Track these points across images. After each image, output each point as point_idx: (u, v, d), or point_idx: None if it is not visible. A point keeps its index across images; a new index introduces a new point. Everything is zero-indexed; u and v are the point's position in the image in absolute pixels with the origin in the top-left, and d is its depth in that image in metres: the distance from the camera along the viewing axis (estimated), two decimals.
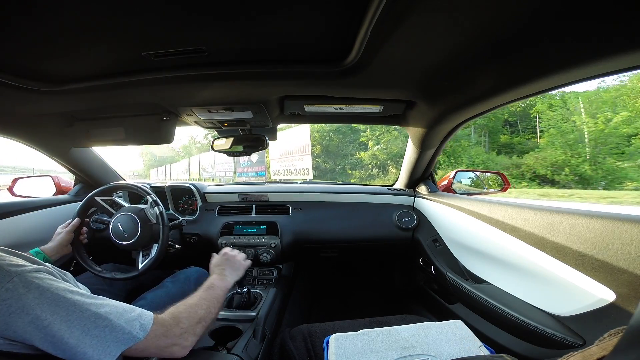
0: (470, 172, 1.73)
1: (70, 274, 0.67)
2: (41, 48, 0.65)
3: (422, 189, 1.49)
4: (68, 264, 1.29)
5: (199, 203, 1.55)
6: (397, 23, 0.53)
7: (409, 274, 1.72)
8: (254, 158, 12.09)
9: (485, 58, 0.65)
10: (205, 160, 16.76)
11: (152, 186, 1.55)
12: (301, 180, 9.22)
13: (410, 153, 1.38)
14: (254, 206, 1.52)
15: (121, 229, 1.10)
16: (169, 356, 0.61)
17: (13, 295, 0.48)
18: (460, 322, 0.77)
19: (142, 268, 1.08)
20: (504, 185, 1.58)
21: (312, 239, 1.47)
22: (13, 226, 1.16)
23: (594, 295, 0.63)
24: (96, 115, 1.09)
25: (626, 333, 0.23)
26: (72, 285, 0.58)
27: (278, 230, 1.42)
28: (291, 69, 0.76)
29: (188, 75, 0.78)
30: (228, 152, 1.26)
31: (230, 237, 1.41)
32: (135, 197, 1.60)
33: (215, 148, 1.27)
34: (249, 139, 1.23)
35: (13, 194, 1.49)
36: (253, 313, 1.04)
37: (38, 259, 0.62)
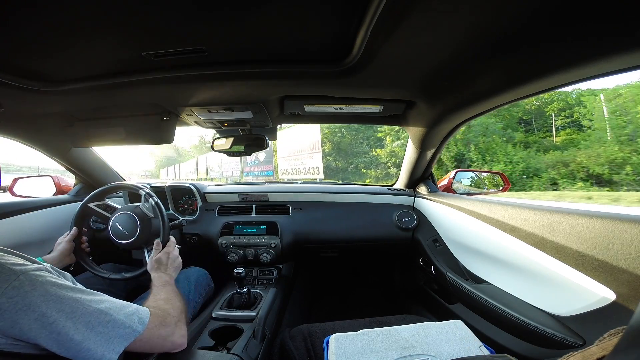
0: (470, 172, 1.74)
1: (69, 274, 0.67)
2: (41, 48, 0.65)
3: (422, 189, 1.49)
4: (68, 265, 1.29)
5: (199, 203, 1.56)
6: (397, 23, 0.53)
7: (409, 274, 1.72)
8: (261, 157, 11.66)
9: (485, 58, 0.65)
10: (212, 159, 16.63)
11: (152, 186, 1.55)
12: (311, 179, 8.84)
13: (410, 153, 1.38)
14: (254, 206, 1.52)
15: (121, 229, 1.10)
16: (171, 346, 0.63)
17: (19, 293, 0.49)
18: (460, 322, 0.77)
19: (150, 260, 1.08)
20: (504, 185, 1.58)
21: (312, 239, 1.47)
22: (13, 226, 1.16)
23: (594, 295, 0.63)
24: (96, 115, 1.09)
25: (626, 333, 0.23)
26: (72, 283, 0.59)
27: (278, 230, 1.42)
28: (291, 69, 0.75)
29: (188, 75, 0.77)
30: (228, 152, 1.26)
31: (230, 237, 1.41)
32: (135, 197, 1.60)
33: (215, 148, 1.27)
34: (249, 139, 1.23)
35: (13, 194, 1.49)
36: (253, 313, 1.04)
37: (36, 259, 0.62)
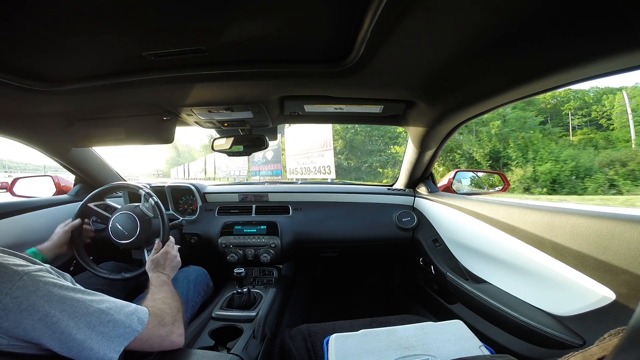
0: (470, 172, 1.74)
1: (68, 275, 0.68)
2: (41, 48, 0.65)
3: (422, 189, 1.49)
4: (68, 265, 1.29)
5: (199, 203, 1.56)
6: (397, 23, 0.53)
7: (409, 274, 1.72)
8: (269, 155, 11.12)
9: (485, 58, 0.65)
10: (220, 159, 16.48)
11: (152, 186, 1.55)
12: (321, 179, 8.30)
13: (410, 153, 1.38)
14: (254, 206, 1.52)
15: (120, 229, 1.10)
16: (170, 344, 0.64)
17: (24, 293, 0.49)
18: (460, 322, 0.77)
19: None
20: (504, 185, 1.59)
21: (312, 239, 1.47)
22: (13, 226, 1.16)
23: (594, 295, 0.63)
24: (96, 115, 1.09)
25: (626, 333, 0.23)
26: (71, 284, 0.60)
27: (278, 230, 1.42)
28: (291, 69, 0.75)
29: (188, 75, 0.77)
30: (228, 152, 1.26)
31: (230, 237, 1.41)
32: (135, 197, 1.60)
33: (215, 148, 1.27)
34: (249, 139, 1.23)
35: (13, 194, 1.49)
36: (253, 313, 1.04)
37: (35, 259, 0.62)
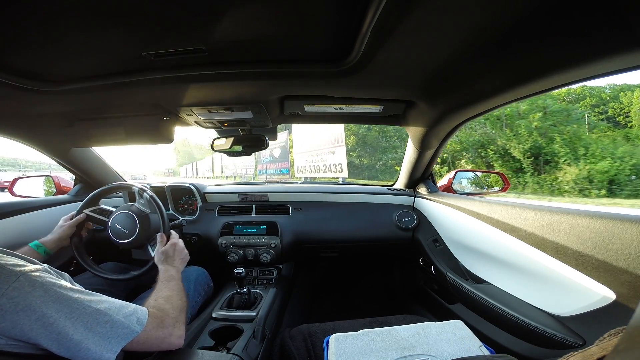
0: (470, 172, 1.74)
1: (67, 275, 0.68)
2: (41, 48, 0.65)
3: (422, 189, 1.49)
4: (67, 265, 1.29)
5: (199, 203, 1.55)
6: (397, 23, 0.53)
7: (409, 274, 1.72)
8: (276, 153, 10.54)
9: (485, 58, 0.65)
10: (227, 158, 16.36)
11: (152, 186, 1.55)
12: (331, 178, 7.76)
13: (410, 153, 1.38)
14: (254, 206, 1.52)
15: (120, 229, 1.10)
16: (168, 346, 0.63)
17: (20, 293, 0.49)
18: (460, 322, 0.77)
19: (155, 254, 1.09)
20: (504, 185, 1.58)
21: (312, 239, 1.47)
22: (13, 226, 1.16)
23: (594, 295, 0.63)
24: (96, 115, 1.09)
25: (626, 333, 0.23)
26: (70, 284, 0.59)
27: (278, 230, 1.42)
28: (291, 69, 0.75)
29: (188, 75, 0.78)
30: (228, 152, 1.26)
31: (230, 237, 1.41)
32: (133, 197, 1.60)
33: (215, 148, 1.27)
34: (249, 139, 1.23)
35: (13, 194, 1.49)
36: (253, 313, 1.03)
37: (35, 259, 0.62)
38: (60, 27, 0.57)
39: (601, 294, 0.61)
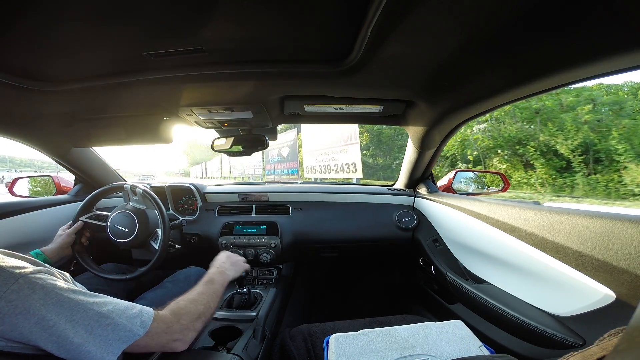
0: (470, 172, 1.74)
1: (69, 275, 0.67)
2: (41, 48, 0.65)
3: (422, 189, 1.49)
4: (68, 265, 1.29)
5: (199, 203, 1.55)
6: (397, 23, 0.53)
7: (409, 274, 1.72)
8: (285, 152, 9.94)
9: (485, 58, 0.65)
10: (235, 158, 16.22)
11: (152, 186, 1.55)
12: (343, 179, 7.33)
13: (410, 153, 1.38)
14: (254, 206, 1.52)
15: (120, 228, 1.10)
16: (169, 351, 0.62)
17: (19, 296, 0.48)
18: (460, 322, 0.77)
19: (160, 247, 1.09)
20: (504, 185, 1.58)
21: (312, 239, 1.47)
22: (13, 226, 1.16)
23: (594, 295, 0.62)
24: (96, 115, 1.09)
25: (626, 333, 0.23)
26: (72, 285, 0.59)
27: (278, 230, 1.42)
28: (291, 69, 0.75)
29: (188, 75, 0.78)
30: (228, 152, 1.26)
31: (230, 237, 1.41)
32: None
33: (215, 148, 1.27)
34: (249, 139, 1.23)
35: (13, 194, 1.49)
36: (253, 313, 1.03)
37: (37, 260, 0.62)
38: (60, 27, 0.57)
39: (601, 294, 0.61)
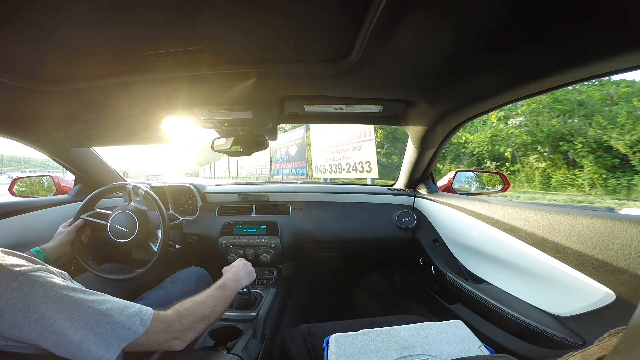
0: (470, 172, 1.74)
1: (67, 274, 0.67)
2: (41, 48, 0.65)
3: (422, 189, 1.49)
4: (68, 264, 1.29)
5: (199, 203, 1.55)
6: (397, 22, 0.53)
7: (409, 274, 1.72)
8: (292, 151, 9.56)
9: (485, 58, 0.65)
10: (242, 158, 15.98)
11: (152, 186, 1.55)
12: (355, 179, 6.97)
13: (410, 153, 1.38)
14: (254, 206, 1.52)
15: (120, 228, 1.10)
16: (167, 349, 0.62)
17: (19, 294, 0.48)
18: (460, 322, 0.77)
19: (159, 250, 1.09)
20: (504, 185, 1.58)
21: (313, 239, 1.47)
22: (13, 226, 1.16)
23: (594, 295, 0.63)
24: (96, 115, 1.09)
25: (626, 333, 0.23)
26: (71, 283, 0.59)
27: (278, 230, 1.42)
28: (291, 69, 0.75)
29: (188, 75, 0.78)
30: (228, 152, 1.26)
31: (230, 237, 1.41)
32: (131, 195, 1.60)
33: (215, 148, 1.27)
34: (249, 139, 1.23)
35: (13, 194, 1.49)
36: (253, 313, 1.04)
37: (37, 259, 0.62)
38: (60, 28, 0.57)
39: (601, 294, 0.61)
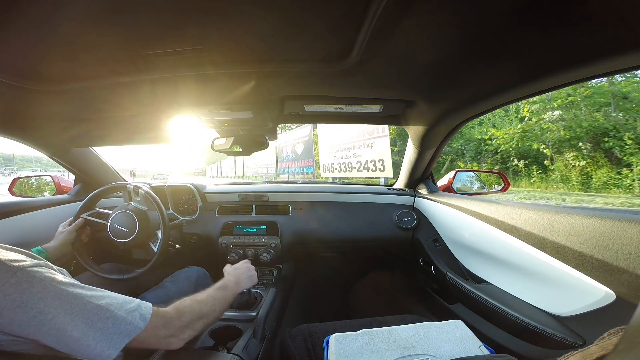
0: (470, 172, 1.74)
1: (66, 270, 0.67)
2: (41, 48, 0.65)
3: (422, 189, 1.49)
4: (68, 264, 1.29)
5: (199, 203, 1.55)
6: (397, 22, 0.53)
7: (409, 274, 1.72)
8: (299, 149, 9.19)
9: (485, 58, 0.65)
10: (248, 157, 15.92)
11: (152, 186, 1.55)
12: (365, 179, 6.53)
13: (410, 153, 1.38)
14: (254, 206, 1.52)
15: (120, 228, 1.10)
16: (165, 347, 0.62)
17: (17, 290, 0.48)
18: (460, 322, 0.77)
19: (158, 250, 1.09)
20: (504, 185, 1.58)
21: (313, 239, 1.47)
22: (13, 226, 1.16)
23: (594, 295, 0.63)
24: (96, 115, 1.09)
25: (626, 333, 0.23)
26: (70, 279, 0.58)
27: (278, 230, 1.42)
28: (291, 69, 0.75)
29: (188, 75, 0.77)
30: (228, 152, 1.26)
31: (230, 237, 1.41)
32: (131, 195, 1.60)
33: (214, 148, 1.27)
34: (249, 139, 1.23)
35: (13, 194, 1.49)
36: (253, 313, 1.03)
37: (35, 254, 0.62)
38: (60, 27, 0.57)
39: (601, 294, 0.61)
